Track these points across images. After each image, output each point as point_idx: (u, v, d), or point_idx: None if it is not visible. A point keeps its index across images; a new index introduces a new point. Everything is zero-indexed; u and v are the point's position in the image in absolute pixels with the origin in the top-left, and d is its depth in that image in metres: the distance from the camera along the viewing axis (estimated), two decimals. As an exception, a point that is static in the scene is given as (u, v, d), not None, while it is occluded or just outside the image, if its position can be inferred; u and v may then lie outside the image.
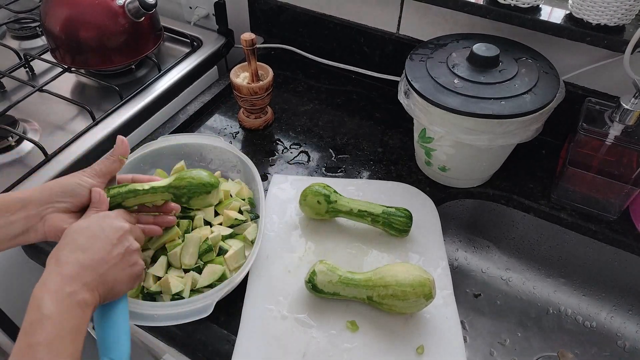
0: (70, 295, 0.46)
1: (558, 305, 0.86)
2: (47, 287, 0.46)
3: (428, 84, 0.71)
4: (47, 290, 0.45)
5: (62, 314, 0.44)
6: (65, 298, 0.45)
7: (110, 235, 0.51)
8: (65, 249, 0.49)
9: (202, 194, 0.65)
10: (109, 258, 0.50)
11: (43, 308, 0.44)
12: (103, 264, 0.49)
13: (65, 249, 0.49)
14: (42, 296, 0.45)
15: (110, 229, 0.52)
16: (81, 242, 0.49)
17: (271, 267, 0.70)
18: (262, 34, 1.15)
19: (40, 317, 0.43)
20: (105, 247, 0.50)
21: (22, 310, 0.85)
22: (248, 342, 0.62)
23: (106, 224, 0.52)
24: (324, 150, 0.91)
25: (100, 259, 0.49)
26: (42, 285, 0.46)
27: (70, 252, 0.48)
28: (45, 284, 0.46)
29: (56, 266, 0.47)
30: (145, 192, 0.62)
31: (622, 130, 0.74)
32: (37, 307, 0.44)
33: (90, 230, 0.51)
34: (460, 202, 0.86)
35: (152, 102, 0.96)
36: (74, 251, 0.49)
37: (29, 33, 1.13)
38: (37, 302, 0.45)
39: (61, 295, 0.45)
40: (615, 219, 0.79)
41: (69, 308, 0.45)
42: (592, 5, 0.72)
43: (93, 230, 0.51)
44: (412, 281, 0.61)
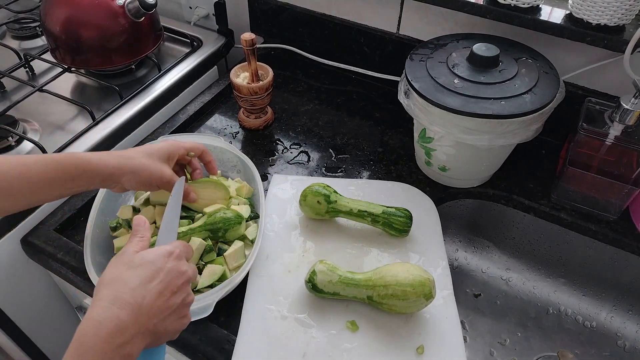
0: (119, 348, 0.41)
1: (558, 305, 0.86)
2: (97, 333, 0.41)
3: (428, 84, 0.71)
4: (96, 338, 0.40)
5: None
6: (113, 351, 0.41)
7: (173, 282, 0.46)
8: (126, 284, 0.44)
9: (235, 225, 0.69)
10: (167, 306, 0.45)
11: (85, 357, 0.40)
12: (160, 312, 0.45)
13: (127, 284, 0.44)
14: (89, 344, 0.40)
15: (175, 273, 0.47)
16: (144, 280, 0.44)
17: (271, 267, 0.70)
18: (262, 34, 1.15)
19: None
20: (166, 294, 0.45)
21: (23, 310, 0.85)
22: (248, 342, 0.62)
23: (172, 266, 0.47)
24: (324, 150, 0.91)
25: (159, 307, 0.44)
26: (95, 326, 0.41)
27: (132, 290, 0.43)
28: (96, 327, 0.41)
29: (113, 303, 0.42)
30: (184, 234, 0.67)
31: (622, 130, 0.74)
32: (81, 356, 0.40)
33: (155, 267, 0.46)
34: (460, 202, 0.86)
35: (152, 102, 0.96)
36: (136, 290, 0.43)
37: (29, 33, 1.13)
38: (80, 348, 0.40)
39: (110, 347, 0.40)
40: (615, 219, 0.79)
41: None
42: (592, 5, 0.72)
43: (158, 269, 0.46)
44: (412, 281, 0.61)
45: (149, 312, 0.43)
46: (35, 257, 0.77)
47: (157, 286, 0.45)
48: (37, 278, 0.85)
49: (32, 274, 0.84)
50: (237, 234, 0.69)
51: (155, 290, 0.44)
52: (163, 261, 0.47)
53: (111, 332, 0.41)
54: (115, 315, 0.41)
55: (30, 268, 0.82)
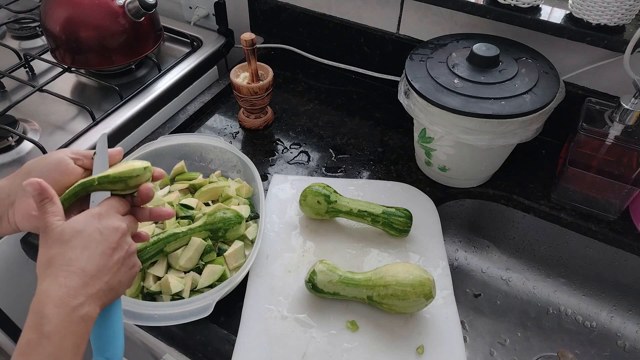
0: (75, 310, 0.42)
1: (558, 305, 0.86)
2: (49, 301, 0.41)
3: (428, 84, 0.71)
4: (49, 305, 0.41)
5: (64, 332, 0.41)
6: (70, 314, 0.41)
7: (109, 239, 0.46)
8: (63, 256, 0.44)
9: (235, 225, 0.68)
10: (111, 264, 0.46)
11: (44, 325, 0.40)
12: (107, 271, 0.45)
13: (64, 256, 0.44)
14: (44, 312, 0.41)
15: (109, 231, 0.47)
16: (80, 248, 0.44)
17: (271, 267, 0.70)
18: (262, 34, 1.15)
19: (39, 336, 0.40)
20: (107, 252, 0.46)
21: (22, 310, 0.85)
22: (248, 342, 0.62)
23: (103, 226, 0.46)
24: (324, 150, 0.91)
25: (104, 266, 0.45)
26: (44, 297, 0.41)
27: (71, 259, 0.44)
28: (46, 296, 0.41)
29: (57, 276, 0.43)
30: (184, 234, 0.66)
31: (622, 130, 0.74)
32: (37, 325, 0.40)
33: (88, 233, 0.45)
34: (460, 202, 0.86)
35: (152, 102, 0.96)
36: (75, 259, 0.44)
37: (29, 33, 1.13)
38: (37, 319, 0.41)
39: (65, 310, 0.41)
40: (615, 219, 0.79)
41: (72, 324, 0.41)
42: (592, 5, 0.72)
43: (91, 233, 0.45)
44: (412, 281, 0.61)
45: (96, 274, 0.44)
46: (35, 257, 0.77)
47: (95, 249, 0.45)
48: (37, 278, 0.85)
49: (32, 274, 0.82)
50: (237, 234, 0.69)
51: (95, 253, 0.45)
52: (93, 225, 0.46)
53: (62, 297, 0.41)
54: (62, 283, 0.42)
55: (30, 268, 0.82)
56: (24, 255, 0.78)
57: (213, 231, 0.68)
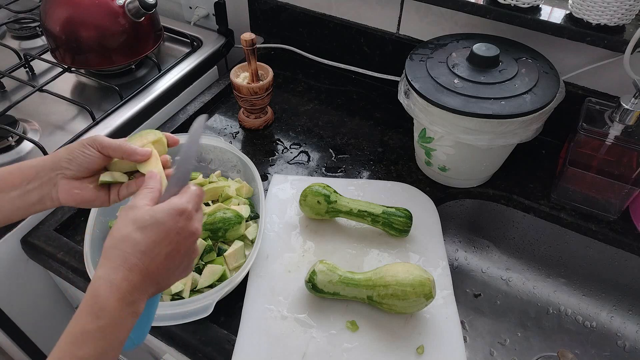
0: (130, 306, 0.42)
1: (558, 305, 0.86)
2: (112, 294, 0.41)
3: (428, 84, 0.71)
4: (112, 298, 0.41)
5: (119, 326, 0.41)
6: (125, 309, 0.41)
7: (182, 242, 0.45)
8: (135, 246, 0.43)
9: (235, 225, 0.69)
10: (173, 267, 0.45)
11: (102, 317, 0.40)
12: (166, 272, 0.45)
13: (135, 244, 0.43)
14: (105, 303, 0.41)
15: (186, 235, 0.46)
16: (155, 243, 0.43)
17: (271, 267, 0.70)
18: (262, 34, 1.15)
19: (96, 327, 0.40)
20: (174, 256, 0.45)
21: (23, 310, 0.85)
22: (248, 342, 0.62)
23: (182, 228, 0.45)
24: (324, 150, 0.91)
25: (166, 269, 0.45)
26: (108, 285, 0.41)
27: (140, 252, 0.43)
28: (112, 284, 0.41)
29: (123, 264, 0.42)
30: None
31: (622, 130, 0.74)
32: (97, 313, 0.40)
33: (166, 229, 0.44)
34: (460, 202, 0.86)
35: (152, 102, 0.96)
36: (144, 253, 0.43)
37: (29, 33, 1.13)
38: (97, 305, 0.41)
39: (122, 305, 0.41)
40: (615, 219, 0.79)
41: (126, 320, 0.42)
42: (592, 5, 0.72)
43: (169, 230, 0.44)
44: (412, 281, 0.61)
45: (156, 272, 0.44)
46: (35, 257, 0.77)
47: (165, 248, 0.44)
48: (37, 278, 0.85)
49: (32, 274, 0.84)
50: (237, 234, 0.69)
51: (164, 252, 0.44)
52: (174, 221, 0.45)
53: (124, 293, 0.41)
54: (126, 277, 0.42)
55: (30, 268, 0.82)
56: (24, 255, 0.78)
57: (213, 231, 0.68)
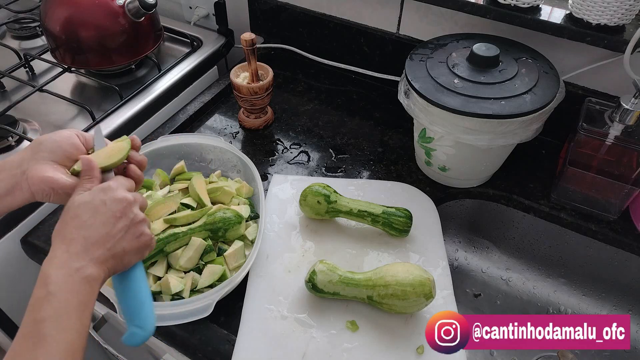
0: (77, 271, 0.46)
1: (558, 305, 0.86)
2: (54, 264, 0.46)
3: (428, 84, 0.71)
4: (54, 267, 0.46)
5: (68, 290, 0.45)
6: (73, 274, 0.45)
7: (113, 208, 0.50)
8: (69, 225, 0.48)
9: (235, 225, 0.69)
10: (114, 232, 0.49)
11: (49, 284, 0.44)
12: (109, 238, 0.49)
13: (70, 225, 0.48)
14: (49, 272, 0.45)
15: (113, 201, 0.50)
16: (85, 217, 0.48)
17: (271, 267, 0.70)
18: (262, 34, 1.15)
19: (46, 293, 0.44)
20: (110, 221, 0.49)
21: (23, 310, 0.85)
22: (248, 342, 0.62)
23: (108, 197, 0.50)
24: (324, 150, 0.91)
25: (106, 234, 0.49)
26: (49, 261, 0.46)
27: (76, 228, 0.48)
28: (52, 260, 0.46)
29: (62, 243, 0.47)
30: (184, 234, 0.67)
31: (622, 130, 0.74)
32: (44, 284, 0.44)
33: (93, 204, 0.49)
34: (460, 202, 0.86)
35: (152, 102, 0.96)
36: (80, 227, 0.48)
37: (29, 33, 1.13)
38: (44, 279, 0.45)
39: (68, 271, 0.45)
40: (615, 219, 0.79)
41: (76, 284, 0.45)
42: (592, 5, 0.72)
43: (95, 204, 0.49)
44: (412, 281, 0.61)
45: (97, 240, 0.48)
46: (35, 257, 0.77)
47: (99, 218, 0.48)
48: (37, 278, 0.85)
49: (32, 274, 0.83)
50: (237, 234, 0.69)
51: (97, 222, 0.48)
52: (99, 196, 0.49)
53: (65, 260, 0.46)
54: (65, 249, 0.46)
55: (30, 268, 0.82)
56: (23, 255, 0.78)
57: (213, 231, 0.68)
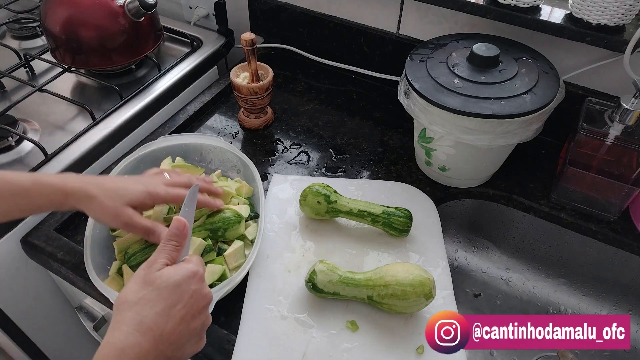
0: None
1: (558, 305, 0.86)
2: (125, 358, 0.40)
3: (428, 84, 0.71)
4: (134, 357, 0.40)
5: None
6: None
7: (195, 306, 0.45)
8: (150, 307, 0.42)
9: (234, 225, 0.69)
10: (187, 332, 0.44)
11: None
12: (179, 338, 0.43)
13: (151, 308, 0.42)
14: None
15: (199, 297, 0.45)
16: (169, 304, 0.43)
17: (271, 267, 0.70)
18: (262, 34, 1.15)
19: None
20: (188, 320, 0.44)
21: (23, 310, 0.85)
22: (248, 342, 0.62)
23: (196, 290, 0.45)
24: (324, 150, 0.91)
25: (180, 333, 0.43)
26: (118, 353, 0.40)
27: (156, 314, 0.42)
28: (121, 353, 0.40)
29: (137, 327, 0.41)
30: None
31: (622, 130, 0.74)
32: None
33: (181, 292, 0.44)
34: (460, 202, 0.86)
35: (152, 102, 0.96)
36: (160, 316, 0.42)
37: (29, 33, 1.13)
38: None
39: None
40: (615, 219, 0.79)
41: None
42: (592, 5, 0.72)
43: (183, 293, 0.44)
44: (412, 281, 0.61)
45: (169, 338, 0.42)
46: (35, 257, 0.77)
47: (180, 311, 0.43)
48: (37, 278, 0.85)
49: (32, 274, 0.84)
50: (236, 234, 0.69)
51: (178, 315, 0.43)
52: (188, 283, 0.44)
53: (134, 357, 0.40)
54: (138, 342, 0.41)
55: (30, 268, 0.82)
56: (24, 255, 0.78)
57: (213, 231, 0.68)
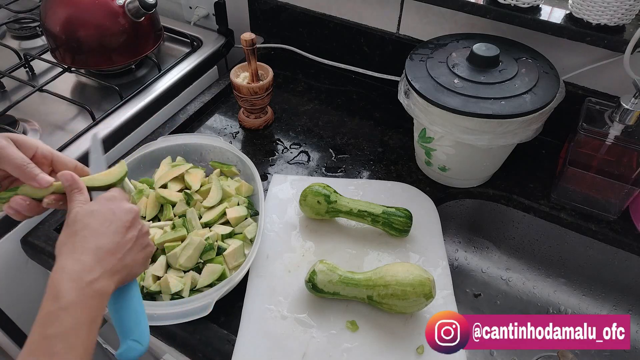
0: (90, 284, 0.44)
1: (558, 305, 0.86)
2: (65, 275, 0.43)
3: (428, 84, 0.71)
4: (65, 279, 0.43)
5: (80, 305, 0.43)
6: (85, 287, 0.43)
7: (123, 218, 0.49)
8: (78, 235, 0.46)
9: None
10: (125, 241, 0.48)
11: (61, 298, 0.42)
12: (121, 248, 0.48)
13: (79, 235, 0.46)
14: (60, 286, 0.43)
15: (122, 211, 0.49)
16: (95, 226, 0.47)
17: (271, 267, 0.70)
18: (262, 34, 1.15)
19: (57, 307, 0.42)
20: (120, 231, 0.48)
21: (23, 310, 0.85)
22: (248, 342, 0.62)
23: (116, 207, 0.49)
24: (324, 150, 0.91)
25: (118, 243, 0.47)
26: (59, 273, 0.44)
27: (86, 237, 0.46)
28: (62, 271, 0.43)
29: (72, 252, 0.45)
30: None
31: (622, 130, 0.74)
32: (55, 297, 0.42)
33: (102, 213, 0.48)
34: (460, 202, 0.86)
35: (152, 102, 0.96)
36: (91, 236, 0.46)
37: (29, 33, 1.13)
38: (54, 292, 0.43)
39: (80, 284, 0.43)
40: (615, 219, 0.79)
41: (88, 298, 0.43)
42: (592, 5, 0.72)
43: (105, 213, 0.48)
44: (412, 280, 0.61)
45: (109, 250, 0.46)
46: (35, 257, 0.77)
47: (109, 227, 0.47)
48: (37, 278, 0.85)
49: (32, 274, 0.84)
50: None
51: (109, 231, 0.47)
52: (107, 206, 0.49)
53: (77, 271, 0.44)
54: (77, 258, 0.44)
55: (30, 268, 0.82)
56: (24, 255, 0.78)
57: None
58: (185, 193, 0.73)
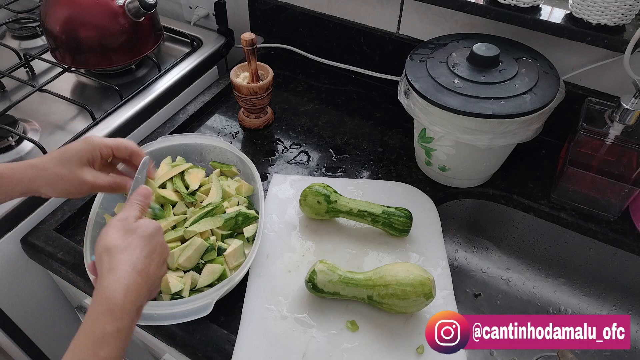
0: (139, 309, 0.48)
1: (558, 305, 0.86)
2: (130, 297, 0.47)
3: (428, 84, 0.71)
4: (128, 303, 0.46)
5: (130, 330, 0.47)
6: (136, 313, 0.48)
7: (163, 254, 0.54)
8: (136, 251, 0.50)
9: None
10: (159, 275, 0.53)
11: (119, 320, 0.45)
12: (157, 279, 0.53)
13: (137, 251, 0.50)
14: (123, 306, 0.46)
15: (164, 247, 0.54)
16: (149, 250, 0.51)
17: (271, 267, 0.70)
18: (262, 34, 1.15)
19: (116, 330, 0.45)
20: (160, 265, 0.53)
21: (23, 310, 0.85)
22: (248, 342, 0.62)
23: (162, 241, 0.54)
24: (324, 150, 0.91)
25: (156, 275, 0.52)
26: (123, 291, 0.46)
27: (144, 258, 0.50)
28: (127, 291, 0.47)
29: (134, 270, 0.48)
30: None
31: (622, 130, 0.74)
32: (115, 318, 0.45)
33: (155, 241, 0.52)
34: (460, 202, 0.86)
35: (152, 102, 0.96)
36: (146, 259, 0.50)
37: (29, 33, 1.13)
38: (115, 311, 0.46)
39: (135, 309, 0.47)
40: (615, 219, 0.79)
41: (134, 322, 0.48)
42: (592, 5, 0.72)
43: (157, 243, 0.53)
44: (412, 280, 0.61)
45: (152, 277, 0.51)
46: (35, 257, 0.77)
47: (156, 257, 0.52)
48: (37, 278, 0.85)
49: (32, 274, 0.84)
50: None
51: (156, 261, 0.52)
52: (158, 235, 0.53)
53: (135, 296, 0.47)
54: (136, 280, 0.48)
55: (30, 268, 0.82)
56: (24, 255, 0.78)
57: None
58: (180, 194, 0.74)
